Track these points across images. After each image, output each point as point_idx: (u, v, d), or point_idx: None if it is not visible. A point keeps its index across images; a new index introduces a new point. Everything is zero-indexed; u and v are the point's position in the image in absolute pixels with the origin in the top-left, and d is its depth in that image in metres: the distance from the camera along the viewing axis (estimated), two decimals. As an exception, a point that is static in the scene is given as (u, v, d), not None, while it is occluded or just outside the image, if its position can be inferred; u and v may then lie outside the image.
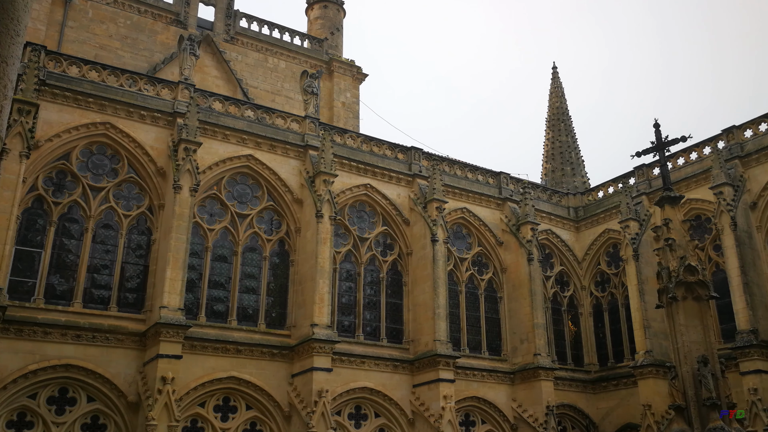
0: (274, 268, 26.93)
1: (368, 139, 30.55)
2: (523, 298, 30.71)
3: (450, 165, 32.64)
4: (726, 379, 16.67)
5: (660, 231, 17.90)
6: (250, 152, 26.92)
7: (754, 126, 29.29)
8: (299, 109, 33.78)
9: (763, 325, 26.27)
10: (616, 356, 33.02)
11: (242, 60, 37.45)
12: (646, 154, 19.57)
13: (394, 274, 29.48)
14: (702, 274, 17.07)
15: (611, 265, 34.04)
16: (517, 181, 34.15)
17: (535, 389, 29.07)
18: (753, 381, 25.15)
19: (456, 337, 29.49)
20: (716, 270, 29.05)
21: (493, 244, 32.00)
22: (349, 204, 28.89)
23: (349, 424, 26.07)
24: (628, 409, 30.54)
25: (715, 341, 17.20)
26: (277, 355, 25.17)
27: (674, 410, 16.49)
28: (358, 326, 27.79)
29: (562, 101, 46.20)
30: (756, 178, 28.42)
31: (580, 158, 44.48)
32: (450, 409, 26.07)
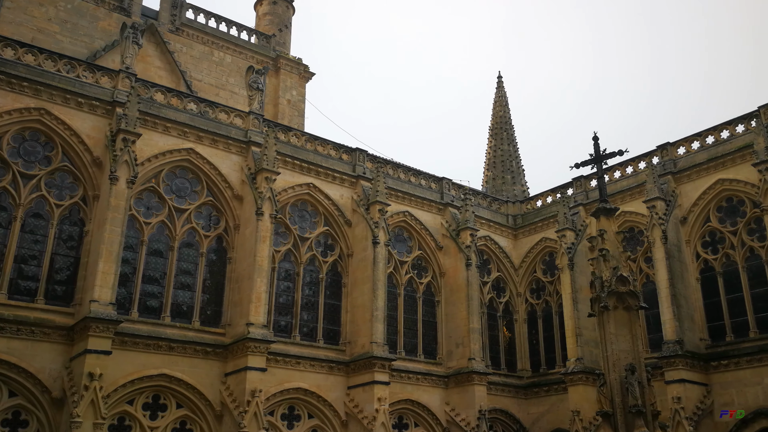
0: (211, 265, 26.47)
1: (313, 138, 30.37)
2: (460, 303, 31.04)
3: (394, 168, 32.75)
4: (652, 387, 17.16)
5: (595, 241, 18.33)
6: (191, 146, 26.40)
7: (687, 144, 30.38)
8: (243, 104, 33.37)
9: (689, 336, 27.23)
10: (548, 363, 33.70)
11: (187, 52, 36.73)
12: (584, 165, 20.03)
13: (333, 275, 29.37)
14: (633, 285, 17.54)
15: (547, 273, 34.75)
16: (458, 187, 34.52)
17: (468, 393, 29.39)
18: (677, 390, 26.02)
19: (393, 340, 29.58)
20: (646, 281, 29.99)
21: (433, 249, 32.25)
22: (291, 203, 28.65)
23: (282, 425, 25.82)
24: (558, 414, 31.20)
25: (642, 350, 17.69)
26: (211, 354, 24.73)
27: (601, 416, 16.89)
28: (295, 326, 27.56)
29: (506, 110, 46.96)
30: (687, 194, 29.47)
31: (520, 167, 45.29)
32: (384, 411, 26.13)
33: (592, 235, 19.40)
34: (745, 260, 27.66)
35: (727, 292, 27.96)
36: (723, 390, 26.54)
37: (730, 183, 28.26)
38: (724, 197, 28.64)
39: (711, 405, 26.49)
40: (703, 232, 29.05)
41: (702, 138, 29.93)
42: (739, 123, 28.90)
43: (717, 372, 26.91)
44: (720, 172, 28.63)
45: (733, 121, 29.10)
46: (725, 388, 26.52)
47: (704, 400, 26.41)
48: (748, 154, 27.28)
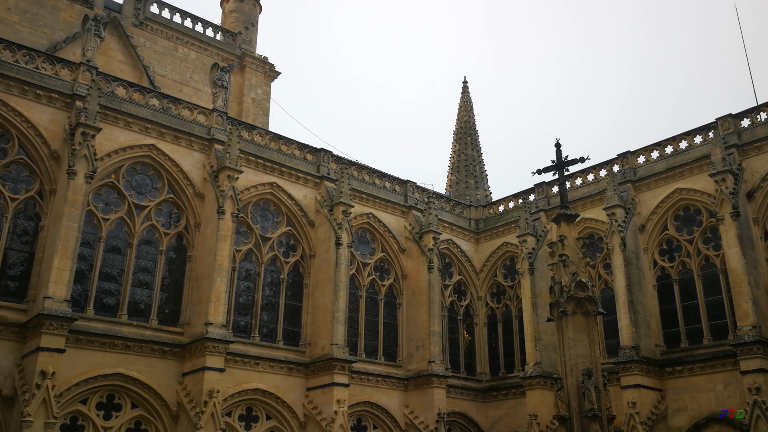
0: (170, 263, 26.07)
1: (277, 137, 30.14)
2: (422, 306, 31.11)
3: (358, 170, 32.70)
4: (607, 392, 17.39)
5: (555, 247, 18.51)
6: (152, 142, 25.98)
7: (646, 153, 30.95)
8: (207, 101, 32.96)
9: (645, 342, 27.71)
10: (507, 366, 33.97)
11: (150, 47, 36.14)
12: (546, 172, 20.22)
13: (295, 275, 29.18)
14: (591, 291, 17.76)
15: (507, 277, 35.05)
16: (422, 191, 34.63)
17: (427, 396, 29.46)
18: (632, 395, 26.45)
19: (353, 342, 29.50)
20: (605, 287, 30.45)
21: (395, 251, 32.28)
22: (253, 202, 28.39)
23: (239, 426, 25.55)
24: (516, 418, 31.46)
25: (599, 355, 17.92)
26: (168, 353, 24.35)
27: (558, 420, 17.05)
28: (254, 327, 27.30)
29: (471, 115, 47.27)
30: (646, 203, 30.02)
31: (484, 172, 45.62)
32: (343, 413, 26.03)
33: (552, 241, 19.62)
34: (701, 268, 28.27)
35: (683, 300, 28.53)
36: (677, 395, 27.07)
37: (688, 192, 28.86)
38: (681, 206, 29.24)
39: (665, 410, 26.98)
40: (660, 240, 29.62)
41: (661, 148, 30.52)
42: (697, 134, 29.55)
43: (671, 378, 27.43)
44: (678, 182, 29.23)
45: (691, 132, 29.74)
46: (679, 393, 27.05)
47: (658, 405, 26.90)
48: (705, 165, 27.89)
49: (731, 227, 25.78)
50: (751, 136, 27.59)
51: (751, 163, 27.29)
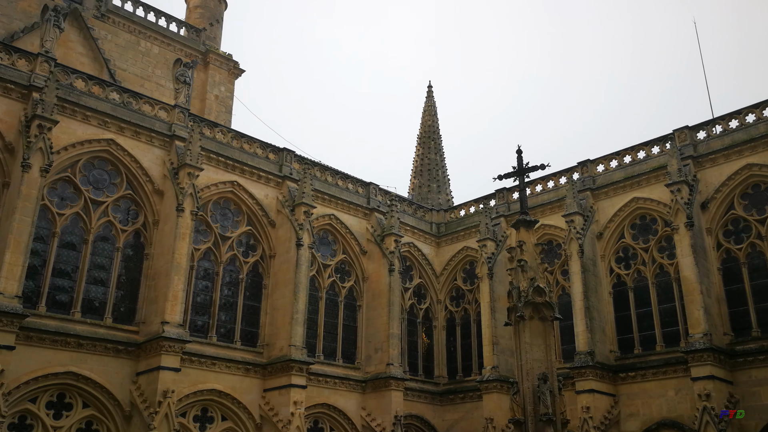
0: (126, 261, 25.60)
1: (239, 136, 29.86)
2: (382, 308, 31.13)
3: (321, 171, 32.59)
4: (562, 396, 17.61)
5: (514, 252, 18.70)
6: (111, 136, 25.50)
7: (606, 162, 31.49)
8: (169, 97, 32.49)
9: (600, 348, 28.16)
10: (464, 370, 34.18)
11: (112, 40, 35.47)
12: (507, 178, 20.41)
13: (254, 276, 28.93)
14: (549, 296, 17.97)
15: (467, 281, 35.30)
16: (385, 193, 34.67)
17: (385, 398, 29.47)
18: (586, 399, 26.84)
19: (312, 343, 29.37)
20: (562, 293, 30.87)
21: (357, 253, 32.24)
22: (214, 200, 28.07)
23: (194, 427, 25.19)
24: (472, 422, 31.66)
25: (555, 360, 18.13)
26: (123, 352, 23.91)
27: (513, 424, 17.21)
28: (212, 327, 26.97)
29: (434, 120, 47.53)
30: (604, 210, 30.53)
31: (446, 176, 45.91)
32: (299, 415, 25.88)
33: (511, 246, 19.80)
34: (655, 276, 28.84)
35: (637, 307, 29.07)
36: (630, 401, 27.55)
37: (644, 201, 29.44)
38: (638, 215, 29.80)
39: (618, 415, 27.44)
40: (617, 247, 30.14)
41: (620, 157, 31.09)
42: (654, 144, 30.17)
43: (625, 383, 27.91)
44: (635, 191, 29.80)
45: (649, 143, 30.35)
46: (632, 399, 27.54)
47: (612, 410, 27.34)
48: (662, 175, 28.48)
49: (685, 237, 26.36)
50: (707, 149, 28.28)
51: (706, 174, 27.97)
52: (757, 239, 26.47)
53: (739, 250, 26.86)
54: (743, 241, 26.85)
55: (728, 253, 27.23)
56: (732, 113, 28.30)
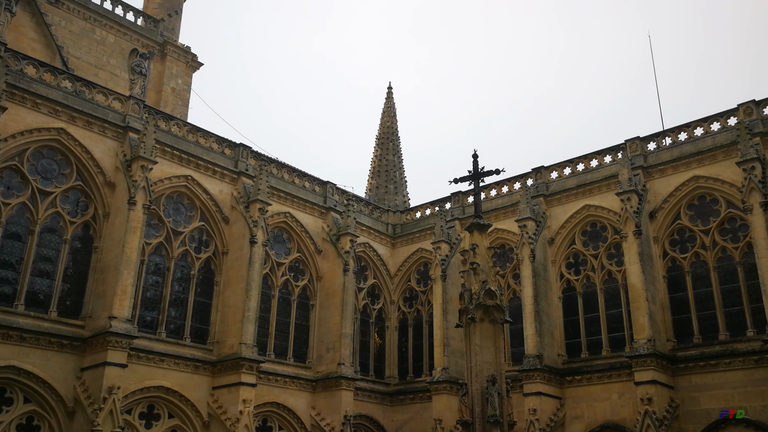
0: (74, 253, 25.03)
1: (195, 129, 29.47)
2: (335, 308, 31.10)
3: (278, 168, 32.39)
4: (510, 398, 17.88)
5: (467, 255, 18.90)
6: (62, 126, 24.91)
7: (559, 169, 32.05)
8: (124, 88, 31.90)
9: (548, 351, 28.64)
10: (415, 371, 34.38)
11: (66, 26, 34.63)
12: (462, 181, 20.63)
13: (206, 272, 28.59)
14: (500, 299, 18.23)
15: (420, 282, 35.52)
16: (342, 193, 34.64)
17: (335, 398, 29.45)
18: (533, 402, 27.27)
19: (263, 342, 29.17)
20: (513, 297, 31.31)
21: (311, 252, 32.14)
22: (167, 194, 27.65)
23: (140, 424, 24.78)
24: (421, 422, 31.86)
25: (504, 363, 18.40)
26: (68, 346, 23.37)
27: (461, 425, 17.41)
28: (161, 323, 26.56)
29: (393, 121, 47.67)
30: (556, 217, 31.07)
31: (403, 178, 46.09)
32: (248, 413, 25.68)
33: (465, 249, 19.98)
34: (604, 282, 29.47)
35: (586, 312, 29.66)
36: (575, 404, 28.10)
37: (596, 209, 30.05)
38: (589, 222, 30.41)
39: (563, 417, 27.96)
40: (568, 253, 30.71)
41: (573, 165, 31.68)
42: (607, 154, 30.83)
43: (571, 386, 28.45)
44: (587, 198, 30.41)
45: (602, 152, 31.00)
46: (577, 402, 28.09)
47: (557, 413, 27.84)
48: (613, 184, 29.12)
49: (633, 245, 27.01)
50: (656, 159, 29.03)
51: (655, 184, 28.71)
52: (702, 249, 27.28)
53: (683, 259, 27.64)
54: (688, 250, 27.64)
55: (673, 261, 28.00)
56: (681, 126, 29.11)
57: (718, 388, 24.99)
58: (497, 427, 16.74)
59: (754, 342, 24.55)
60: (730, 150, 26.80)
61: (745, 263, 25.99)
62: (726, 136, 27.39)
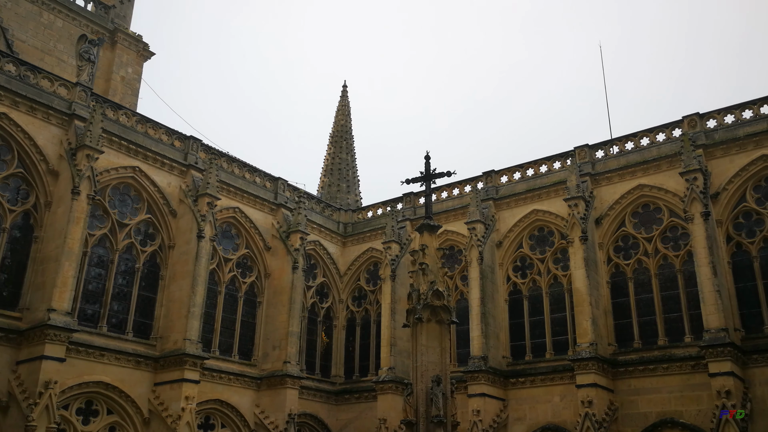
0: (13, 243, 24.20)
1: (144, 120, 28.84)
2: (282, 306, 30.85)
3: (229, 162, 31.96)
4: (454, 399, 17.97)
5: (417, 255, 18.94)
6: (4, 110, 24.06)
7: (509, 173, 32.47)
8: (71, 74, 31.01)
9: (493, 353, 28.97)
10: (361, 370, 34.37)
11: (12, 8, 33.45)
12: (414, 182, 20.66)
13: (151, 266, 28.01)
14: (447, 300, 18.30)
15: (370, 282, 35.53)
16: (293, 189, 34.39)
17: (280, 396, 29.21)
18: (477, 403, 27.54)
19: (208, 338, 28.76)
20: (460, 298, 31.60)
21: (260, 248, 31.81)
22: (113, 185, 27.00)
23: (77, 420, 24.11)
24: (366, 422, 31.86)
25: (449, 364, 18.49)
26: (3, 339, 22.58)
27: (405, 425, 17.43)
28: (103, 316, 25.90)
29: (348, 120, 47.58)
30: (505, 220, 31.47)
31: (356, 177, 46.04)
32: (190, 410, 25.25)
33: (414, 249, 20.05)
34: (549, 286, 29.98)
35: (531, 315, 30.12)
36: (518, 405, 28.49)
37: (543, 214, 30.54)
38: (536, 226, 30.88)
39: (506, 419, 28.32)
40: (515, 257, 31.12)
41: (523, 170, 32.14)
42: (556, 160, 31.37)
43: (514, 388, 28.84)
44: (536, 203, 30.88)
45: (551, 158, 31.52)
46: (520, 403, 28.49)
47: (501, 414, 28.18)
48: (561, 189, 29.64)
49: (579, 250, 27.55)
50: (604, 167, 29.66)
51: (602, 191, 29.33)
52: (644, 256, 27.97)
53: (627, 265, 28.30)
54: (631, 257, 28.32)
55: (617, 267, 28.64)
56: (628, 135, 29.82)
57: (656, 392, 25.67)
58: (441, 428, 16.80)
59: (691, 348, 25.28)
60: (674, 160, 27.57)
61: (685, 271, 26.77)
62: (671, 146, 28.17)
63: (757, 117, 26.89)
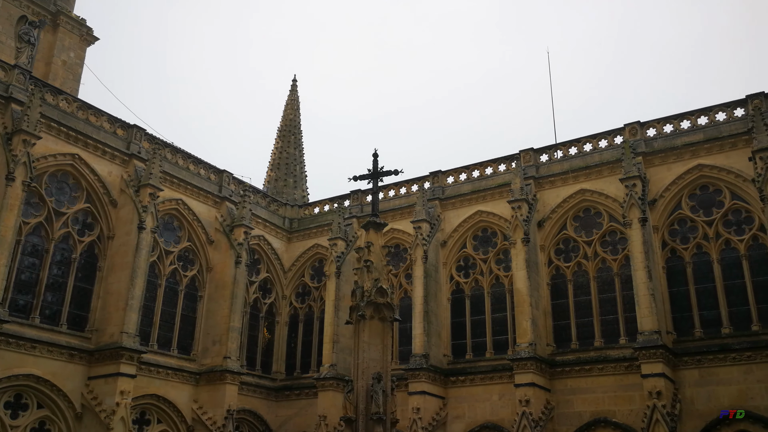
0: (-59, 229, 23.19)
1: (86, 106, 28.03)
2: (224, 300, 30.45)
3: (173, 153, 31.34)
4: (394, 396, 18.02)
5: (362, 252, 18.94)
6: (-65, 90, 23.06)
7: (456, 174, 32.80)
8: (9, 56, 29.92)
9: (434, 352, 29.21)
10: (303, 367, 34.20)
11: (-52, -15, 32.09)
12: (362, 179, 20.63)
13: (89, 256, 27.27)
14: (390, 297, 18.35)
15: (314, 278, 35.38)
16: (239, 183, 33.96)
17: (219, 392, 28.82)
18: (417, 401, 27.71)
19: (146, 332, 28.18)
20: (404, 296, 31.76)
21: (203, 242, 31.32)
22: (50, 172, 26.16)
23: (5, 414, 23.32)
24: (306, 418, 31.72)
25: (391, 361, 18.57)
26: (-73, 329, 21.65)
27: (345, 422, 17.40)
28: (35, 307, 25.07)
29: (297, 114, 47.21)
30: (449, 220, 31.76)
31: (303, 172, 45.72)
32: (125, 405, 24.68)
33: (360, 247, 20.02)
34: (491, 286, 30.39)
35: (473, 314, 30.48)
36: (457, 403, 28.79)
37: (487, 215, 30.95)
38: (480, 227, 31.27)
39: (445, 417, 28.58)
40: (459, 256, 31.45)
41: (469, 171, 32.50)
42: (502, 162, 31.82)
43: (454, 387, 29.13)
44: (480, 204, 31.27)
45: (497, 160, 31.96)
46: (459, 402, 28.80)
47: (440, 412, 28.43)
48: (505, 192, 30.08)
49: (521, 251, 28.01)
50: (547, 171, 30.24)
51: (545, 195, 29.89)
52: (584, 259, 28.63)
53: (567, 267, 28.92)
54: (571, 259, 28.94)
55: (557, 269, 29.23)
56: (572, 141, 30.46)
57: (591, 392, 26.30)
58: (380, 425, 16.83)
59: (626, 349, 25.99)
60: (615, 166, 28.29)
61: (622, 275, 27.51)
62: (612, 153, 28.90)
63: (694, 127, 27.83)
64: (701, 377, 24.58)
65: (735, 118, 27.09)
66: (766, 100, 26.48)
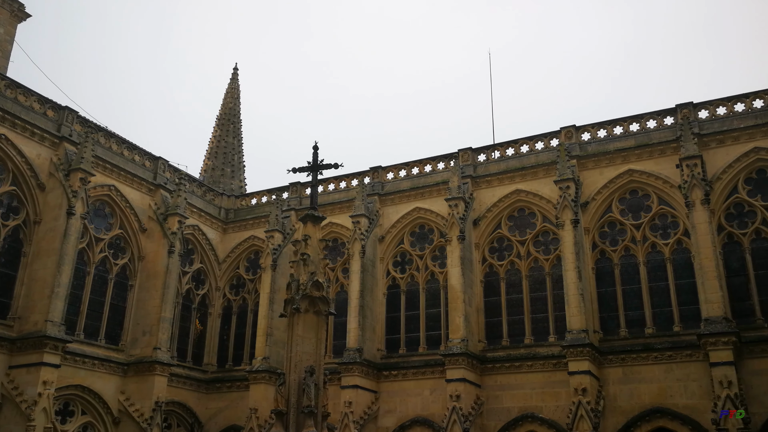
0: None
1: (14, 85, 26.94)
2: (155, 290, 29.82)
3: (106, 137, 30.46)
4: (326, 390, 18.01)
5: (299, 245, 18.83)
6: None
7: (395, 171, 32.98)
8: (-67, 28, 28.45)
9: (368, 346, 29.34)
10: (235, 359, 33.82)
11: None
12: (301, 171, 20.48)
13: (13, 241, 26.26)
14: (326, 291, 18.31)
15: (250, 270, 35.00)
16: (174, 170, 33.28)
17: (147, 383, 28.24)
18: (350, 395, 27.80)
19: (73, 321, 27.35)
20: (340, 290, 31.76)
21: (135, 230, 30.58)
22: (-26, 152, 25.06)
23: None
24: (236, 411, 31.40)
25: (324, 355, 18.54)
26: None
27: (275, 415, 17.29)
28: (-46, 293, 24.02)
29: (237, 103, 46.59)
30: (388, 216, 31.94)
31: (242, 162, 45.17)
32: (48, 396, 23.90)
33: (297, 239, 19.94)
34: (426, 282, 30.72)
35: (407, 309, 30.74)
36: (389, 398, 29.00)
37: (425, 212, 31.26)
38: (418, 224, 31.56)
39: (377, 411, 28.76)
40: (396, 252, 31.67)
41: (409, 168, 32.73)
42: (441, 161, 32.16)
43: (387, 381, 29.34)
44: (419, 201, 31.55)
45: (436, 158, 32.30)
46: (391, 396, 29.02)
47: (372, 406, 28.59)
48: (443, 189, 30.43)
49: (456, 249, 28.40)
50: (485, 171, 30.73)
51: (481, 194, 30.37)
52: (517, 258, 29.24)
53: (500, 266, 29.47)
54: (505, 258, 29.52)
55: (491, 267, 29.76)
56: (510, 142, 31.04)
57: (520, 388, 26.91)
58: (311, 418, 16.80)
59: (554, 347, 26.69)
60: (550, 169, 28.98)
61: (554, 274, 28.22)
62: (548, 155, 29.58)
63: (626, 133, 28.76)
64: (624, 375, 25.47)
65: (665, 126, 28.13)
66: (695, 110, 27.62)
